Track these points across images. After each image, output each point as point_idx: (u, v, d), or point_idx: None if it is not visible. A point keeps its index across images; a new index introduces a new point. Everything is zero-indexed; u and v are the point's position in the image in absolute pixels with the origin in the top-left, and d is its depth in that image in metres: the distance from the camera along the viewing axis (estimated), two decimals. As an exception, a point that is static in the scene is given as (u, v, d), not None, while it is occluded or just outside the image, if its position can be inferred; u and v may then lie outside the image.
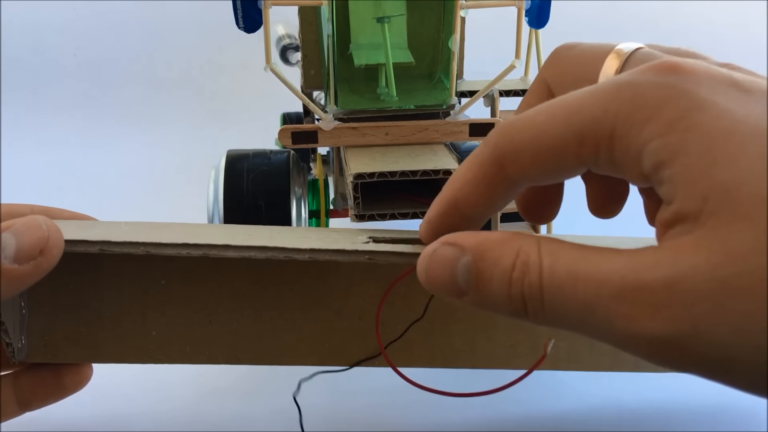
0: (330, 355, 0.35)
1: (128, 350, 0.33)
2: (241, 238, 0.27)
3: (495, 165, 0.21)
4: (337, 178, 0.46)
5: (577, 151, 0.19)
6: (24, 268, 0.24)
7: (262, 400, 0.38)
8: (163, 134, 0.78)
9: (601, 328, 0.18)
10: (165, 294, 0.33)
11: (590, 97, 0.19)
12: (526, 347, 0.35)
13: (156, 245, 0.26)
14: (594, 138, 0.19)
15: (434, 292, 0.22)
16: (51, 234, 0.25)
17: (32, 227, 0.25)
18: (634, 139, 0.18)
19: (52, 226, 0.25)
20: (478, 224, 0.24)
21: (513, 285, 0.20)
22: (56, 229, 0.25)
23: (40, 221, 0.25)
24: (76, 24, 0.84)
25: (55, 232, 0.25)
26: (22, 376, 0.32)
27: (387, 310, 0.34)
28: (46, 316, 0.32)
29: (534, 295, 0.19)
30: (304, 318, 0.34)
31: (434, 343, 0.35)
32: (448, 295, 0.22)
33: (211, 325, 0.34)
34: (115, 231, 0.28)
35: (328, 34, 0.38)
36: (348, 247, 0.27)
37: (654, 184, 0.18)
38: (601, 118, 0.19)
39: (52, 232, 0.25)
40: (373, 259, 0.27)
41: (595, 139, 0.19)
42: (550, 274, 0.19)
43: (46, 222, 0.25)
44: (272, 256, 0.27)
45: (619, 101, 0.19)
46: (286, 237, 0.28)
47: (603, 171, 0.20)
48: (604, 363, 0.36)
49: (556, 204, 0.26)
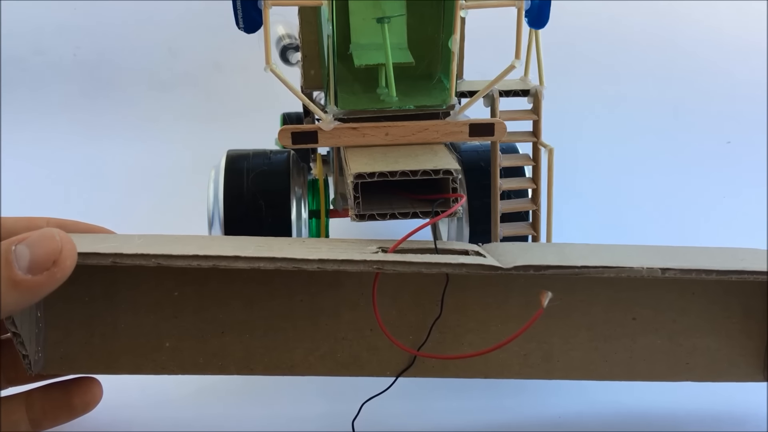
0: (342, 365, 0.35)
1: (142, 362, 0.34)
2: (251, 250, 0.28)
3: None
4: (337, 178, 0.46)
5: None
6: (38, 279, 0.25)
7: (262, 400, 0.38)
8: (162, 134, 0.78)
9: None
10: (178, 306, 0.33)
11: None
12: (538, 357, 0.35)
13: (167, 257, 0.27)
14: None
15: None
16: (64, 245, 0.25)
17: (46, 239, 0.25)
18: None
19: (65, 237, 0.26)
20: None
21: None
22: (69, 240, 0.26)
23: (54, 233, 0.25)
24: (76, 24, 0.84)
25: (68, 243, 0.26)
26: (33, 396, 0.32)
27: (399, 321, 0.34)
28: (62, 329, 0.33)
29: None
30: (315, 329, 0.34)
31: (445, 352, 0.35)
32: None
33: (224, 337, 0.34)
34: (127, 244, 0.28)
35: (328, 34, 0.38)
36: (356, 257, 0.27)
37: None
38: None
39: (65, 244, 0.25)
40: (382, 269, 0.28)
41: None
42: None
43: (60, 234, 0.26)
44: (281, 267, 0.27)
45: None
46: (297, 248, 0.29)
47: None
48: (619, 372, 0.36)
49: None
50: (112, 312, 0.33)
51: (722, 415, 0.38)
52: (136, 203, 0.64)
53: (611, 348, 0.35)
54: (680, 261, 0.31)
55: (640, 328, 0.35)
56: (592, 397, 0.38)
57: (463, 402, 0.38)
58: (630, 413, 0.38)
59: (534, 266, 0.29)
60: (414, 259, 0.28)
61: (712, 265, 0.30)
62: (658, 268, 0.29)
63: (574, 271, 0.29)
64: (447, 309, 0.34)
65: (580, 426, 0.37)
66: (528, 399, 0.38)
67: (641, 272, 0.29)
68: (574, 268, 0.29)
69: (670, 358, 0.36)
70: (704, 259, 0.31)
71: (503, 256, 0.31)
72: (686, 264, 0.30)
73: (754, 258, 0.33)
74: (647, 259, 0.31)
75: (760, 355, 0.36)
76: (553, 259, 0.30)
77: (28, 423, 0.32)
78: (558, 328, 0.35)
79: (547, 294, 0.28)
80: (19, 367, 0.32)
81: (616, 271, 0.29)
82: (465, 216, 0.43)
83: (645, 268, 0.29)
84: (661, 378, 0.36)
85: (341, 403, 0.35)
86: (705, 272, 0.29)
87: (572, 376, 0.36)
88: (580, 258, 0.30)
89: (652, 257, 0.32)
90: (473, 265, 0.28)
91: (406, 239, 0.31)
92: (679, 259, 0.31)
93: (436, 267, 0.28)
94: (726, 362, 0.36)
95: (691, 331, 0.36)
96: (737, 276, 0.30)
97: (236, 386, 0.38)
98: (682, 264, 0.30)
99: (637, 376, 0.36)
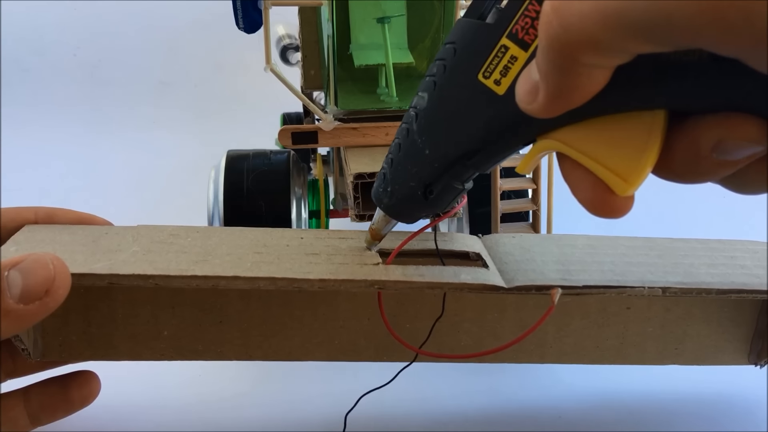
0: (339, 351, 0.35)
1: (141, 349, 0.34)
2: (249, 262, 0.28)
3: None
4: (337, 178, 0.46)
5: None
6: (29, 308, 0.24)
7: (262, 400, 0.38)
8: (162, 134, 0.78)
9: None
10: (175, 296, 0.33)
11: None
12: (533, 343, 0.36)
13: (164, 278, 0.27)
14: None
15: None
16: (57, 273, 0.25)
17: (39, 266, 0.25)
18: None
19: (59, 265, 0.25)
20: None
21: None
22: (63, 268, 0.25)
23: (48, 260, 0.25)
24: (76, 24, 0.84)
25: (61, 272, 0.25)
26: (31, 391, 0.32)
27: (397, 311, 0.35)
28: (58, 318, 0.33)
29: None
30: (312, 317, 0.34)
31: (442, 341, 0.35)
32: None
33: (222, 325, 0.34)
34: (123, 254, 0.28)
35: (328, 34, 0.38)
36: (357, 277, 0.28)
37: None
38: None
39: (59, 272, 0.25)
40: (383, 288, 0.28)
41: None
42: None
43: (54, 261, 0.25)
44: (282, 287, 0.27)
45: None
46: (295, 258, 0.29)
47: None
48: (609, 357, 0.36)
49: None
50: (109, 303, 0.33)
51: (722, 413, 0.38)
52: (136, 203, 0.64)
53: (603, 335, 0.36)
54: (681, 272, 0.31)
55: (633, 317, 0.36)
56: (591, 392, 0.39)
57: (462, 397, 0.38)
58: (630, 409, 0.38)
59: (536, 286, 0.29)
60: (415, 278, 0.28)
61: (712, 281, 0.31)
62: (659, 288, 0.30)
63: (576, 291, 0.29)
64: (449, 295, 0.34)
65: (579, 422, 0.37)
66: (527, 397, 0.38)
67: (642, 291, 0.29)
68: (575, 288, 0.29)
69: (659, 344, 0.36)
70: (705, 269, 0.32)
71: (505, 262, 0.31)
72: (687, 281, 0.30)
73: (754, 262, 0.33)
74: (648, 268, 0.31)
75: (747, 341, 0.37)
76: (555, 274, 0.30)
77: (27, 418, 0.32)
78: (553, 316, 0.35)
79: (558, 290, 0.28)
80: (18, 359, 0.32)
81: (618, 291, 0.29)
82: (465, 216, 0.43)
83: (646, 287, 0.29)
84: (649, 362, 0.37)
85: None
86: (705, 291, 0.30)
87: (563, 360, 0.36)
88: (581, 269, 0.31)
89: (653, 260, 0.32)
90: (476, 285, 0.28)
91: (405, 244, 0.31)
92: (680, 269, 0.32)
93: (438, 287, 0.28)
94: (713, 348, 0.37)
95: (684, 319, 0.36)
96: (736, 295, 0.30)
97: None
98: (683, 281, 0.30)
99: (626, 360, 0.36)
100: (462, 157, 0.23)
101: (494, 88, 0.21)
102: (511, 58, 0.21)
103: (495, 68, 0.21)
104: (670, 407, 0.38)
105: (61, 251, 0.28)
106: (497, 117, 0.22)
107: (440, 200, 0.25)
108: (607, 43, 0.16)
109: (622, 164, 0.19)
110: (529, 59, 0.20)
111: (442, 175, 0.24)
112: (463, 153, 0.23)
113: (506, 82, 0.21)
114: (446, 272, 0.29)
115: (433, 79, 0.23)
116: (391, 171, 0.25)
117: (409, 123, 0.24)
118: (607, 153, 0.20)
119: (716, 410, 0.38)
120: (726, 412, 0.38)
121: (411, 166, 0.24)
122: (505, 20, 0.20)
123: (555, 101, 0.19)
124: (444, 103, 0.23)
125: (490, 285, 0.28)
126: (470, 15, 0.22)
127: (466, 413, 0.37)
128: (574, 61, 0.17)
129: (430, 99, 0.23)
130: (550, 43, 0.17)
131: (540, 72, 0.18)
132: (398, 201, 0.26)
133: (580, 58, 0.17)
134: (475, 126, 0.22)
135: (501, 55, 0.21)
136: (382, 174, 0.26)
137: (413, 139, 0.24)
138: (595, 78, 0.18)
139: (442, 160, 0.23)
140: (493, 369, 0.40)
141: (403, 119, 0.25)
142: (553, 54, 0.17)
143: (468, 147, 0.23)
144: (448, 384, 0.39)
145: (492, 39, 0.21)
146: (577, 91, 0.18)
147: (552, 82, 0.18)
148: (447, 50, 0.22)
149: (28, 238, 0.29)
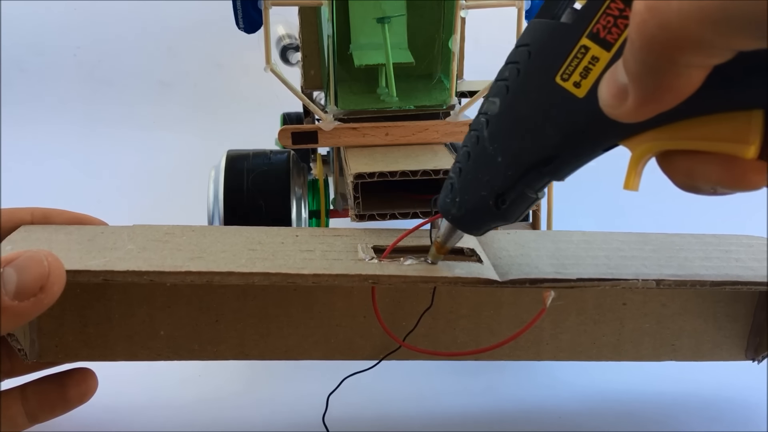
0: (335, 350, 0.35)
1: (138, 350, 0.34)
2: (244, 258, 0.28)
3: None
4: (337, 178, 0.46)
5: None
6: (24, 305, 0.24)
7: (258, 400, 0.38)
8: (163, 134, 0.78)
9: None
10: (171, 296, 0.33)
11: None
12: (528, 340, 0.36)
13: (159, 273, 0.27)
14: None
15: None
16: (52, 270, 0.25)
17: (34, 262, 0.25)
18: None
19: (54, 261, 0.25)
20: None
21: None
22: (58, 264, 0.25)
23: (42, 257, 0.25)
24: (76, 24, 0.84)
25: (56, 268, 0.25)
26: (28, 390, 0.32)
27: (393, 308, 0.35)
28: (54, 318, 0.33)
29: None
30: (309, 316, 0.34)
31: (438, 338, 0.35)
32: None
33: (218, 325, 0.34)
34: (118, 252, 0.28)
35: (328, 34, 0.38)
36: (351, 272, 0.28)
37: None
38: None
39: (54, 269, 0.25)
40: (377, 283, 0.28)
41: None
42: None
43: (48, 257, 0.25)
44: (276, 282, 0.27)
45: None
46: (290, 255, 0.29)
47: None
48: (605, 353, 0.36)
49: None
50: (105, 303, 0.33)
51: (722, 413, 0.38)
52: (136, 203, 0.64)
53: (600, 331, 0.36)
54: (675, 265, 0.31)
55: (629, 312, 0.36)
56: (590, 391, 0.39)
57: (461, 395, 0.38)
58: (629, 409, 0.38)
59: (530, 279, 0.29)
60: (410, 272, 0.28)
61: (706, 274, 0.30)
62: (653, 280, 0.30)
63: (570, 284, 0.29)
64: (440, 295, 0.34)
65: (577, 422, 0.37)
66: (526, 395, 0.38)
67: (636, 284, 0.29)
68: (569, 281, 0.29)
69: (656, 340, 0.36)
70: (699, 262, 0.32)
71: (500, 257, 0.31)
72: (681, 273, 0.30)
73: (748, 255, 0.33)
74: (642, 262, 0.31)
75: (744, 337, 0.37)
76: (549, 267, 0.30)
77: (25, 416, 0.32)
78: (548, 313, 0.35)
79: (550, 293, 0.28)
80: (15, 359, 0.32)
81: (612, 284, 0.29)
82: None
83: (640, 280, 0.29)
84: (646, 358, 0.37)
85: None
86: (699, 283, 0.30)
87: (560, 357, 0.36)
88: (575, 263, 0.30)
89: (648, 254, 0.32)
90: (469, 279, 0.28)
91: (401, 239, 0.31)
92: (674, 263, 0.31)
93: (432, 281, 0.28)
94: (710, 343, 0.37)
95: (680, 315, 0.36)
96: (731, 287, 0.30)
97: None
98: (678, 273, 0.30)
99: (622, 357, 0.36)
100: (537, 164, 0.22)
101: (573, 91, 0.20)
102: (592, 59, 0.20)
103: (574, 70, 0.20)
104: (668, 406, 0.38)
105: (57, 250, 0.28)
106: (576, 121, 0.21)
107: (513, 210, 0.24)
108: (709, 41, 0.16)
109: (735, 134, 0.18)
110: (612, 60, 0.19)
111: (516, 183, 0.23)
112: (539, 160, 0.22)
113: (587, 85, 0.20)
114: (440, 267, 0.29)
115: (505, 83, 0.22)
116: (460, 180, 0.24)
117: (479, 130, 0.23)
118: (715, 133, 0.19)
119: (715, 409, 0.38)
120: (726, 412, 0.38)
121: (482, 175, 0.23)
122: (585, 19, 0.20)
123: (646, 104, 0.18)
124: (518, 108, 0.22)
125: (484, 279, 0.28)
126: (543, 16, 0.21)
127: (463, 411, 0.37)
128: (671, 62, 0.16)
129: (503, 104, 0.22)
130: (645, 44, 0.16)
131: (629, 73, 0.18)
132: (467, 212, 0.24)
133: (678, 59, 0.16)
134: (552, 131, 0.21)
135: (581, 56, 0.20)
136: (449, 184, 0.25)
137: (484, 147, 0.23)
138: (691, 78, 0.17)
139: (516, 167, 0.22)
140: (489, 367, 0.40)
141: (471, 126, 0.24)
142: (648, 54, 0.16)
143: (544, 153, 0.22)
144: (445, 382, 0.39)
145: (570, 39, 0.20)
146: (671, 93, 0.17)
147: (644, 85, 0.17)
148: (520, 52, 0.21)
149: (24, 238, 0.29)
